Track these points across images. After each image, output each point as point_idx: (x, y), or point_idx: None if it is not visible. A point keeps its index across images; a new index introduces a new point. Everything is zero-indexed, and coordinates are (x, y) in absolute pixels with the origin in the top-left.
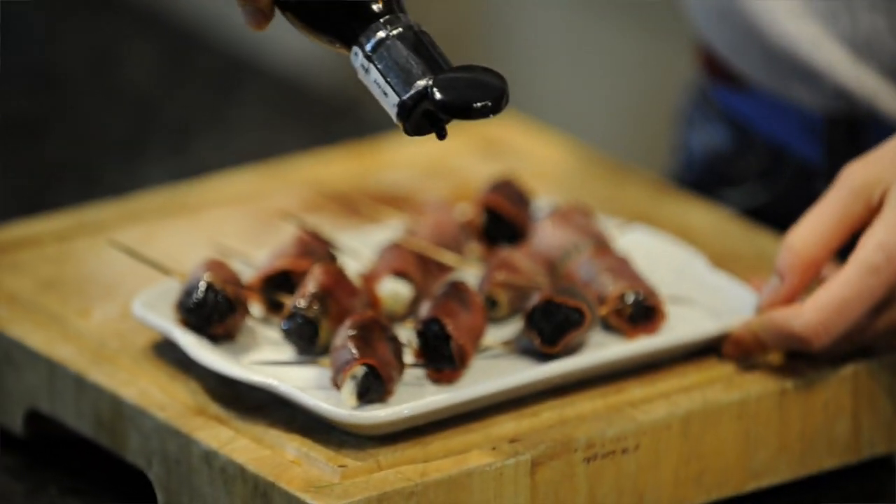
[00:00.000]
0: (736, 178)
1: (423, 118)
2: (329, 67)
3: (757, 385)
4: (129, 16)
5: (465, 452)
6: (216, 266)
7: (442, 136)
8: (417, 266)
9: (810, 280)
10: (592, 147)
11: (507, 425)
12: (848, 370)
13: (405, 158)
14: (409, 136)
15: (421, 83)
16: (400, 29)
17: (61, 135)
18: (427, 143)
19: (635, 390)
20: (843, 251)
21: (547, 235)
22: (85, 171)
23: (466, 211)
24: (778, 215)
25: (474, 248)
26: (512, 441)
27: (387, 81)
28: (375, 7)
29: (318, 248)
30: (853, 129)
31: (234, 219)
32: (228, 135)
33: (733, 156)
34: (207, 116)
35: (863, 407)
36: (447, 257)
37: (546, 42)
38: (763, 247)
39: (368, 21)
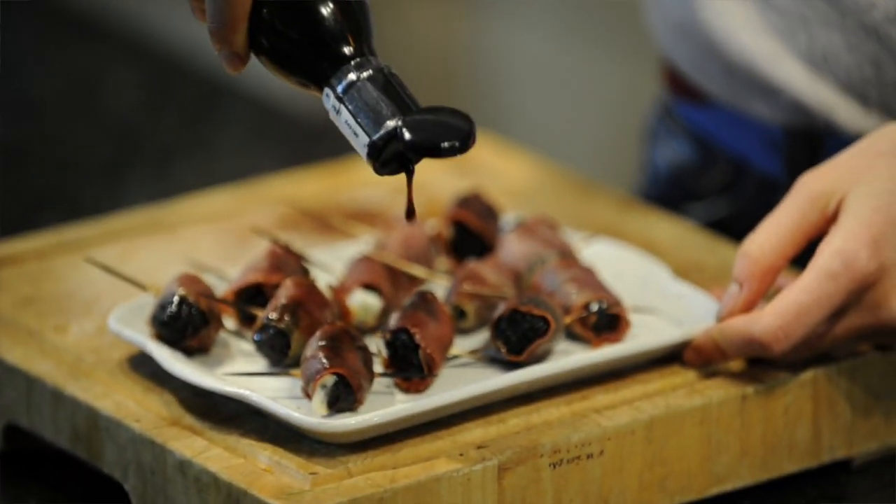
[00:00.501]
0: (700, 192)
1: (393, 158)
2: (306, 93)
3: (719, 391)
4: (111, 43)
5: (434, 459)
6: (190, 280)
7: (410, 175)
8: (387, 278)
9: (768, 287)
10: (561, 164)
11: (474, 432)
12: (807, 376)
13: (376, 176)
14: (380, 175)
15: (390, 124)
16: (370, 71)
17: (44, 160)
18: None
19: (600, 397)
20: (798, 259)
21: (513, 247)
22: (67, 195)
23: (435, 225)
24: (740, 228)
25: (443, 261)
26: (479, 447)
27: (357, 122)
28: (346, 50)
29: (289, 262)
30: (813, 143)
31: (209, 236)
32: (208, 159)
33: (697, 170)
34: (187, 141)
35: (822, 412)
36: (416, 270)
37: (517, 63)
38: (725, 258)
39: (339, 64)
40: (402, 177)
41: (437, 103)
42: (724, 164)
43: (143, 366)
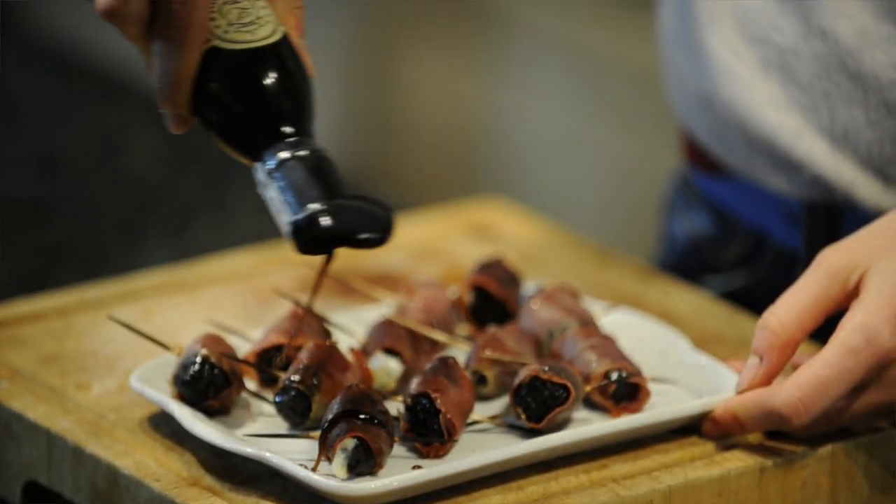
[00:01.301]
0: (718, 263)
1: (313, 240)
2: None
3: (737, 463)
4: (133, 102)
5: None
6: (212, 341)
7: (329, 259)
8: (408, 343)
9: (788, 360)
10: (581, 233)
11: (493, 499)
12: (826, 450)
13: (398, 240)
14: (301, 254)
15: (313, 207)
16: (303, 151)
17: (65, 217)
18: (419, 226)
19: (619, 466)
20: (816, 334)
21: (534, 315)
22: (87, 252)
23: (457, 290)
24: (758, 300)
25: (464, 326)
26: None
27: (282, 200)
28: (282, 127)
29: (312, 325)
30: (832, 217)
31: (230, 296)
32: (228, 219)
33: (715, 242)
34: (207, 201)
35: (840, 486)
36: (437, 335)
37: (536, 131)
38: (744, 329)
39: (273, 140)
40: (424, 243)
41: (451, 171)
42: (743, 236)
43: (164, 425)
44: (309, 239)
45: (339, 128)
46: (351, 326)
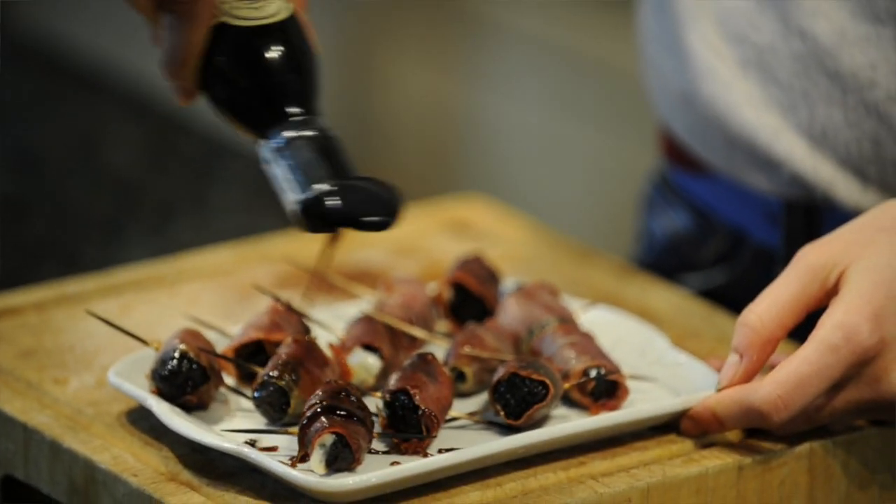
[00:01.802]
0: (696, 261)
1: (318, 220)
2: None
3: (715, 461)
4: (113, 99)
5: None
6: (191, 336)
7: (335, 238)
8: (387, 339)
9: (768, 357)
10: (560, 232)
11: (471, 495)
12: (804, 448)
13: (378, 237)
14: (306, 233)
15: (318, 187)
16: (310, 131)
17: (44, 215)
18: (399, 225)
19: (597, 463)
20: (794, 332)
21: (513, 312)
22: (66, 250)
23: (436, 287)
24: (736, 298)
25: (443, 323)
26: None
27: (288, 179)
28: (290, 105)
29: (291, 321)
30: (811, 216)
31: (209, 292)
32: (208, 217)
33: (694, 240)
34: (187, 199)
35: (818, 484)
36: (416, 331)
37: (515, 131)
38: (723, 327)
39: (282, 117)
40: (403, 240)
41: (432, 170)
42: (722, 234)
43: (141, 420)
44: (315, 219)
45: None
46: (330, 322)
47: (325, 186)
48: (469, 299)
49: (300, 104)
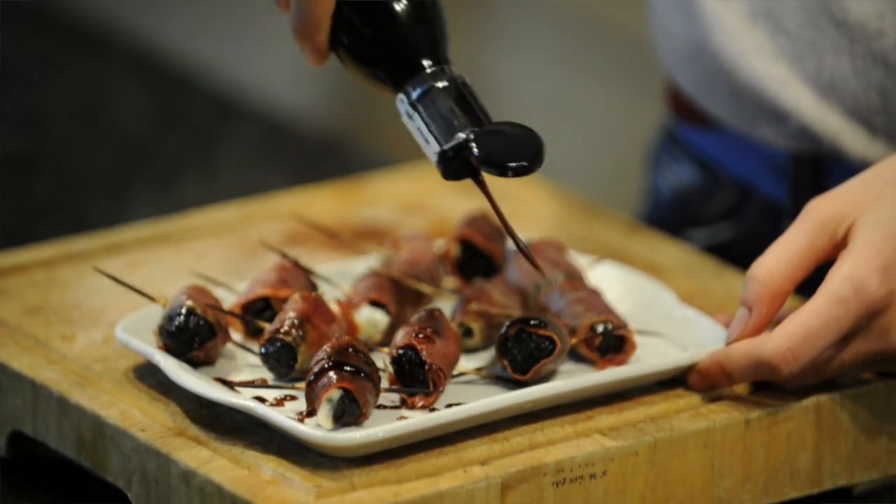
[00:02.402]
0: (703, 216)
1: (461, 168)
2: (315, 110)
3: (722, 415)
4: (120, 58)
5: (438, 475)
6: (198, 292)
7: (481, 183)
8: (394, 295)
9: (777, 311)
10: (567, 189)
11: (478, 449)
12: (811, 402)
13: (386, 195)
14: (447, 180)
15: (461, 135)
16: (445, 81)
17: (51, 174)
18: (407, 181)
19: (604, 418)
20: (801, 288)
21: (520, 268)
22: (73, 208)
23: (443, 244)
24: (743, 252)
25: (450, 280)
26: (483, 465)
27: (429, 130)
28: (423, 57)
29: (298, 277)
30: (818, 168)
31: (216, 249)
32: (215, 175)
33: (700, 194)
34: (194, 157)
35: (825, 438)
36: (424, 287)
37: (521, 88)
38: (730, 283)
39: (416, 70)
40: (412, 197)
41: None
42: (729, 188)
43: (149, 376)
44: (457, 167)
45: (331, 83)
46: (337, 279)
47: (466, 134)
48: (476, 256)
49: (433, 54)
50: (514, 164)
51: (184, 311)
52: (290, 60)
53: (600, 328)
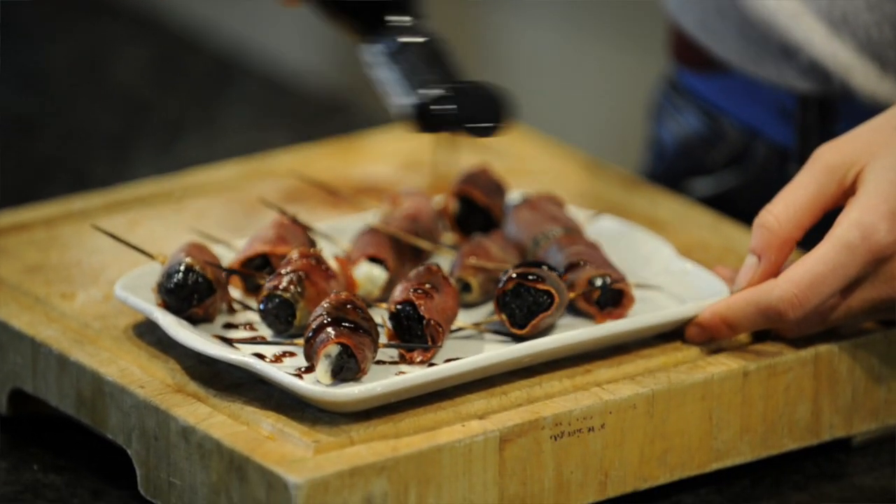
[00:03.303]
0: (708, 164)
1: (428, 123)
2: (316, 69)
3: (720, 367)
4: (121, 18)
5: (436, 429)
6: (196, 249)
7: (446, 139)
8: (393, 251)
9: (786, 258)
10: (569, 144)
11: (476, 404)
12: (809, 354)
13: (386, 152)
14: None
15: (429, 91)
16: (421, 36)
17: (52, 132)
18: (407, 139)
19: (602, 371)
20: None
21: (519, 223)
22: (74, 167)
23: (441, 200)
24: (749, 199)
25: (449, 235)
26: (481, 418)
27: (397, 82)
28: (399, 9)
29: (296, 234)
30: (825, 111)
31: (216, 207)
32: (216, 134)
33: (705, 142)
34: (196, 116)
35: (823, 389)
36: (422, 243)
37: (523, 45)
38: (729, 237)
39: (387, 22)
40: (411, 154)
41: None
42: (733, 135)
43: (148, 333)
44: (425, 122)
45: (332, 42)
46: (335, 235)
47: (435, 91)
48: (475, 211)
49: (411, 8)
50: (475, 125)
51: (182, 268)
52: (291, 19)
53: (598, 282)
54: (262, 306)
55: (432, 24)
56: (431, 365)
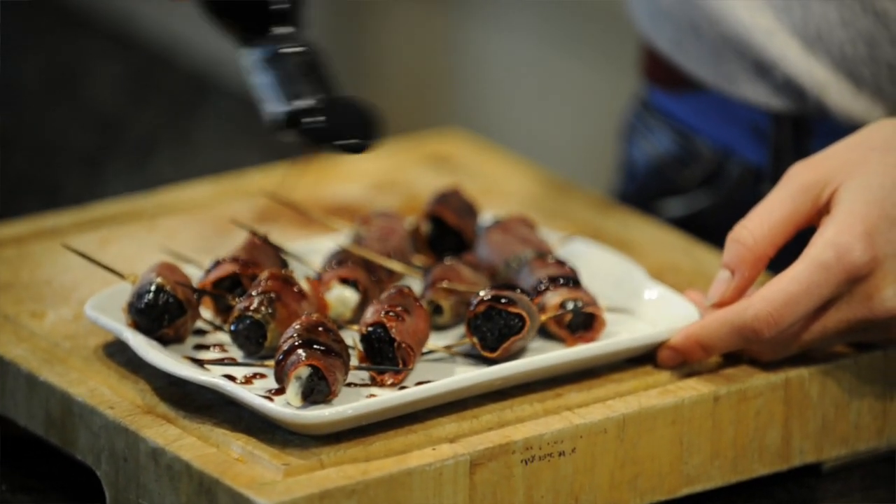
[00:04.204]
0: (680, 184)
1: (298, 135)
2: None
3: (691, 392)
4: (95, 34)
5: (406, 452)
6: (167, 269)
7: (307, 156)
8: (364, 272)
9: (759, 274)
10: (541, 165)
11: (447, 427)
12: (780, 378)
13: (358, 172)
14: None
15: (300, 103)
16: (298, 46)
17: (24, 148)
18: (379, 158)
19: (573, 395)
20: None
21: (490, 245)
22: (46, 183)
23: (413, 221)
24: (722, 219)
25: (420, 257)
26: (452, 442)
27: (271, 89)
28: (280, 17)
29: (268, 254)
30: (799, 130)
31: (188, 227)
32: (189, 152)
33: (677, 162)
34: (169, 134)
35: (793, 415)
36: (393, 264)
37: (496, 64)
38: (701, 260)
39: (268, 29)
40: (383, 174)
41: (415, 104)
42: (706, 154)
43: (118, 353)
44: (293, 132)
45: None
46: (307, 256)
47: (305, 103)
48: (447, 233)
49: (288, 17)
50: (342, 142)
51: (153, 288)
52: None
53: (570, 305)
54: (232, 327)
55: (313, 35)
56: (402, 388)
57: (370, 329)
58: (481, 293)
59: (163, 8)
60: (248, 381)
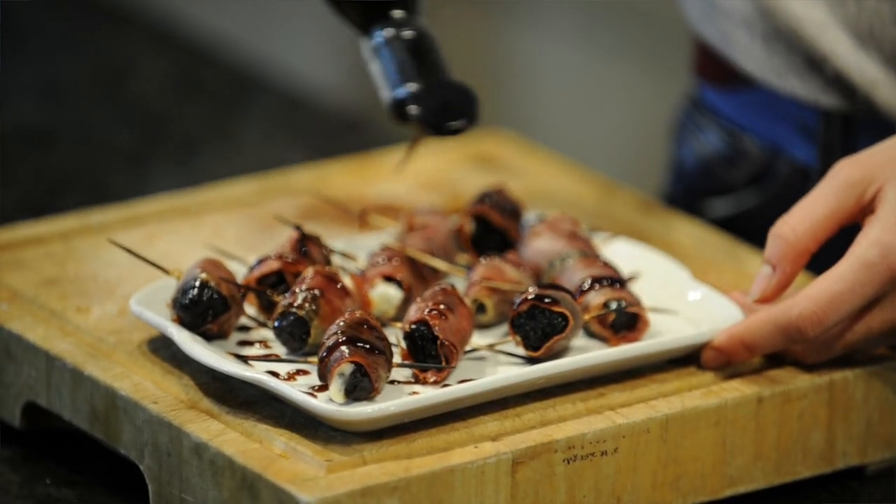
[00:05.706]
0: (729, 183)
1: (403, 120)
2: (334, 86)
3: (735, 393)
4: (141, 31)
5: (449, 450)
6: (212, 265)
7: (418, 136)
8: (408, 271)
9: (800, 269)
10: (589, 166)
11: (489, 425)
12: (824, 380)
13: (402, 171)
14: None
15: (404, 89)
16: (408, 30)
17: (70, 145)
18: (426, 158)
19: (616, 395)
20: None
21: (534, 244)
22: (91, 180)
23: (457, 220)
24: (770, 218)
25: (464, 256)
26: (494, 440)
27: (384, 76)
28: (397, 5)
29: (313, 251)
30: (848, 128)
31: (233, 223)
32: (233, 149)
33: (726, 161)
34: (213, 131)
35: (837, 418)
36: (437, 263)
37: (543, 65)
38: (745, 261)
39: (385, 15)
40: (428, 173)
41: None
42: (755, 153)
43: (162, 349)
44: (399, 119)
45: (352, 58)
46: (352, 253)
47: (410, 88)
48: (490, 232)
49: (400, 3)
50: (444, 125)
51: (197, 283)
52: (311, 35)
53: (613, 305)
54: (276, 324)
55: (426, 21)
56: (445, 385)
57: (413, 327)
58: (525, 292)
59: (208, 6)
60: (291, 377)
